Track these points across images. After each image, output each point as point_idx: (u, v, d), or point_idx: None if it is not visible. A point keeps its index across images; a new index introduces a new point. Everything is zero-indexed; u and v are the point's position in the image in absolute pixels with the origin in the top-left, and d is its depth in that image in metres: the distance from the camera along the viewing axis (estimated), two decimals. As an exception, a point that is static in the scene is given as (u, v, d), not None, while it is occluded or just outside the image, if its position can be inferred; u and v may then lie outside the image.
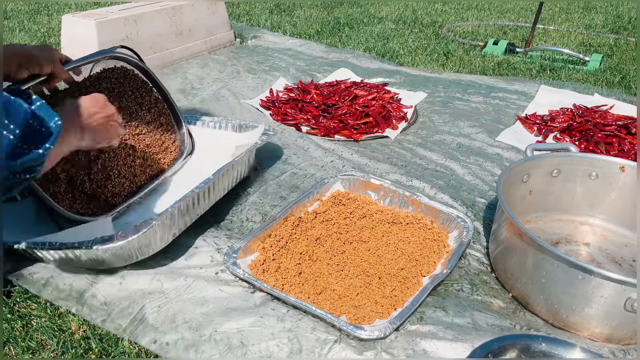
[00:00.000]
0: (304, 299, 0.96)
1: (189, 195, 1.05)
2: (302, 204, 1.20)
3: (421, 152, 1.59)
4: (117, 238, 0.93)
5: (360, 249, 1.11)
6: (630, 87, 2.17)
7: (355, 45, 2.76)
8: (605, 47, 2.84)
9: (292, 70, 2.27)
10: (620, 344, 0.90)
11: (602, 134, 1.64)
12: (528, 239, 0.92)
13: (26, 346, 0.88)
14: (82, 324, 0.92)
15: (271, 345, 0.86)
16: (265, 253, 1.06)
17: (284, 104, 1.85)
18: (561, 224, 1.24)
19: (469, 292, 1.01)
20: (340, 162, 1.50)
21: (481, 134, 1.72)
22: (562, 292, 0.90)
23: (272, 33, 2.89)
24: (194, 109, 1.85)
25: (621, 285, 0.83)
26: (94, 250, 0.93)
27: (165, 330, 0.89)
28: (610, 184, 1.20)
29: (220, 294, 0.97)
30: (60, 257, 0.98)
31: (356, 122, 1.72)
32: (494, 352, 0.82)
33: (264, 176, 1.40)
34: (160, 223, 0.97)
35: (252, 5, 3.64)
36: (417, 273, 1.04)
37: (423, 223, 1.18)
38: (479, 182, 1.42)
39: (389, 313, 0.94)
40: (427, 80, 2.19)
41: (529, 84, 2.18)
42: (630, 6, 3.96)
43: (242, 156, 1.24)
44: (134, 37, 2.11)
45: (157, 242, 1.00)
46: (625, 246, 1.17)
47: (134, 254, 0.97)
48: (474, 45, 2.80)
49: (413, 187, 1.36)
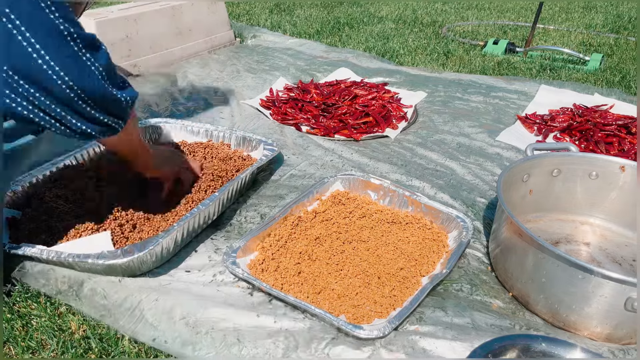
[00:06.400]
0: (303, 298, 0.96)
1: (195, 212, 1.06)
2: (302, 203, 1.20)
3: (421, 151, 1.59)
4: (124, 254, 0.93)
5: (359, 248, 1.11)
6: (630, 86, 2.17)
7: (355, 45, 2.76)
8: (606, 46, 2.84)
9: (292, 70, 2.27)
10: (620, 344, 0.90)
11: (602, 134, 1.64)
12: (528, 239, 0.92)
13: (26, 346, 0.87)
14: (82, 324, 0.92)
15: (267, 342, 0.86)
16: (264, 252, 1.06)
17: (283, 104, 1.85)
18: (561, 223, 1.24)
19: (468, 292, 1.01)
20: (340, 161, 1.50)
21: (481, 133, 1.72)
22: (562, 292, 0.90)
23: (272, 32, 2.89)
24: (194, 109, 1.85)
25: (621, 284, 0.83)
26: (100, 264, 0.94)
27: (163, 327, 0.89)
28: (611, 184, 1.19)
29: (218, 293, 0.97)
30: (62, 263, 0.98)
31: (356, 122, 1.72)
32: (493, 352, 0.82)
33: (264, 177, 1.40)
34: (166, 241, 0.98)
35: (252, 5, 3.64)
36: (417, 273, 1.04)
37: (422, 223, 1.18)
38: (479, 181, 1.42)
39: (388, 313, 0.93)
40: (427, 80, 2.19)
41: (529, 83, 2.18)
42: (630, 6, 3.96)
43: (247, 173, 1.25)
44: (134, 36, 2.11)
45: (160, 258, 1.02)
46: (626, 246, 1.17)
47: (136, 267, 0.98)
48: (474, 44, 2.80)
49: (413, 187, 1.36)
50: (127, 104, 0.88)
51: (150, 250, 0.95)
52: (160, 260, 1.02)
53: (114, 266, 0.95)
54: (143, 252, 0.93)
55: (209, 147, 1.42)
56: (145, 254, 0.94)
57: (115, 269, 0.96)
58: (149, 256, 0.97)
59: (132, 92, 0.90)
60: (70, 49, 0.74)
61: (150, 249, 0.94)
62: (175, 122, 1.51)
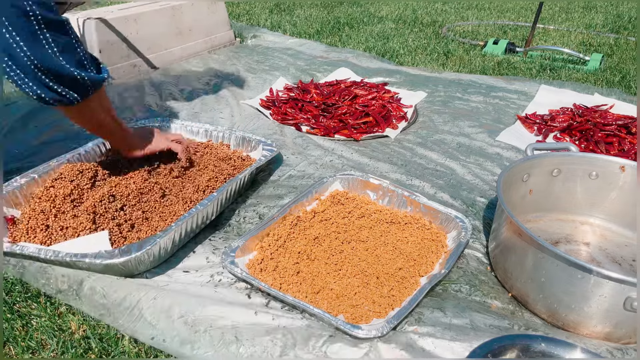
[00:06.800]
0: (302, 298, 0.96)
1: (194, 212, 1.06)
2: (301, 203, 1.20)
3: (421, 151, 1.59)
4: (121, 254, 0.93)
5: (358, 248, 1.11)
6: (630, 86, 2.17)
7: (355, 45, 2.76)
8: (606, 46, 2.83)
9: (292, 70, 2.27)
10: (619, 343, 0.90)
11: (602, 134, 1.64)
12: (528, 238, 0.92)
13: (26, 346, 0.87)
14: (82, 324, 0.92)
15: (265, 340, 0.86)
16: (263, 252, 1.06)
17: (283, 104, 1.85)
18: (561, 223, 1.24)
19: (467, 292, 1.00)
20: (340, 161, 1.50)
21: (481, 133, 1.72)
22: (562, 291, 0.90)
23: (272, 32, 2.89)
24: (194, 108, 1.85)
25: (620, 284, 0.83)
26: (98, 264, 0.94)
27: (161, 326, 0.89)
28: (611, 184, 1.19)
29: (216, 292, 0.97)
30: (60, 262, 0.99)
31: (356, 122, 1.72)
32: (493, 352, 0.82)
33: (263, 177, 1.40)
34: (164, 241, 0.98)
35: (252, 5, 3.64)
36: (415, 273, 1.04)
37: (421, 223, 1.18)
38: (479, 181, 1.42)
39: (386, 313, 0.93)
40: (427, 80, 2.19)
41: (529, 83, 2.17)
42: (630, 6, 3.96)
43: (246, 173, 1.25)
44: (134, 36, 2.11)
45: (157, 258, 1.02)
46: (625, 246, 1.17)
47: (134, 267, 0.98)
48: (474, 44, 2.80)
49: (413, 187, 1.36)
50: (84, 82, 0.99)
51: (147, 250, 0.94)
52: (158, 260, 1.02)
53: (111, 266, 0.95)
54: (140, 252, 0.93)
55: (208, 147, 1.43)
56: (142, 254, 0.94)
57: (113, 269, 0.96)
58: (147, 256, 0.96)
59: (94, 75, 1.01)
60: (32, 27, 0.89)
61: (147, 248, 0.94)
62: (175, 122, 1.51)
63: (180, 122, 1.50)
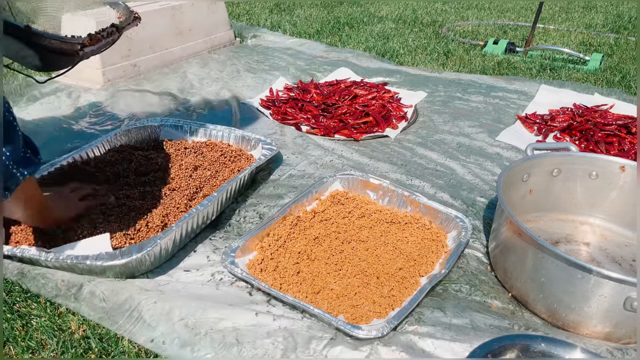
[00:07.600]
0: (302, 298, 0.96)
1: (194, 212, 1.06)
2: (301, 203, 1.20)
3: (421, 151, 1.59)
4: (122, 255, 0.93)
5: (358, 248, 1.11)
6: (631, 86, 2.17)
7: (355, 45, 2.76)
8: (606, 46, 2.83)
9: (292, 70, 2.27)
10: (619, 343, 0.90)
11: (602, 134, 1.64)
12: (528, 238, 0.92)
13: (26, 346, 0.87)
14: (81, 324, 0.92)
15: (266, 342, 0.86)
16: (263, 252, 1.06)
17: (283, 104, 1.85)
18: (561, 223, 1.24)
19: (467, 292, 1.00)
20: (340, 161, 1.50)
21: (481, 133, 1.72)
22: (562, 291, 0.90)
23: (272, 32, 2.89)
24: (194, 108, 1.85)
25: (620, 284, 0.83)
26: (99, 266, 0.94)
27: (161, 329, 0.89)
28: (611, 184, 1.19)
29: (216, 292, 0.97)
30: (62, 265, 0.98)
31: (356, 122, 1.72)
32: (493, 352, 0.82)
33: (263, 176, 1.40)
34: (164, 241, 0.98)
35: (252, 5, 3.64)
36: (416, 273, 1.04)
37: (421, 223, 1.18)
38: (479, 181, 1.42)
39: (386, 313, 0.93)
40: (427, 80, 2.19)
41: (529, 83, 2.17)
42: (631, 6, 3.96)
43: (246, 172, 1.25)
44: (134, 36, 2.11)
45: (158, 259, 1.02)
46: (625, 246, 1.17)
47: (135, 268, 0.98)
48: (474, 44, 2.80)
49: (413, 187, 1.36)
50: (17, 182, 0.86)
51: (148, 251, 0.94)
52: (159, 260, 1.02)
53: (112, 267, 0.95)
54: (141, 253, 0.93)
55: (208, 147, 1.43)
56: (143, 255, 0.94)
57: (114, 270, 0.96)
58: (148, 257, 0.96)
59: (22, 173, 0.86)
60: None
61: (148, 249, 0.94)
62: (175, 121, 1.51)
63: (180, 122, 1.50)
